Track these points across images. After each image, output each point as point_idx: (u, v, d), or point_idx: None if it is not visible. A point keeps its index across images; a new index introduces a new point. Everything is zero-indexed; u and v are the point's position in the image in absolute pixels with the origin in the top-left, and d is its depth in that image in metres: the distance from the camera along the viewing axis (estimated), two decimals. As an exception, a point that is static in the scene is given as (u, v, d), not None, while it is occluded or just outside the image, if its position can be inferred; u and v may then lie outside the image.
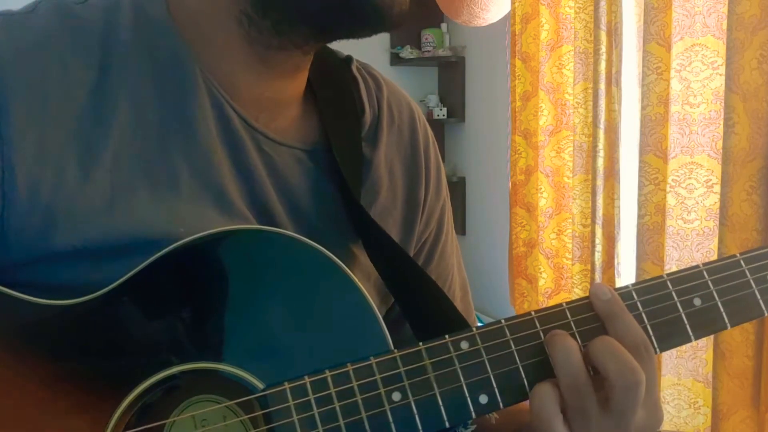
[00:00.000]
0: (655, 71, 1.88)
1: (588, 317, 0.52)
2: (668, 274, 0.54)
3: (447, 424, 0.49)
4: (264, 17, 0.55)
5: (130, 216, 0.51)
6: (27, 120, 0.50)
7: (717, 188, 1.80)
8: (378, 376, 0.49)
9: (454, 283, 0.73)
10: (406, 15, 0.55)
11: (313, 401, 0.48)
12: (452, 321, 0.59)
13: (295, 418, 0.47)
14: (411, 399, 0.48)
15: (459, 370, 0.49)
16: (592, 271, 2.28)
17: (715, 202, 1.82)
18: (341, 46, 0.63)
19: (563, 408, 0.49)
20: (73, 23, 0.54)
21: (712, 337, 1.72)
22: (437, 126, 3.60)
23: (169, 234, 0.50)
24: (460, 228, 3.52)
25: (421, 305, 0.60)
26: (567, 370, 0.49)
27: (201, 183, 0.54)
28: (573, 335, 0.51)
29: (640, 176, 1.97)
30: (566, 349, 0.49)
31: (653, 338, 0.52)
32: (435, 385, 0.49)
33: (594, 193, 2.25)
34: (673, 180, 1.89)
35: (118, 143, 0.52)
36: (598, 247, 2.25)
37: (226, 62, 0.57)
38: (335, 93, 0.65)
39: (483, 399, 0.49)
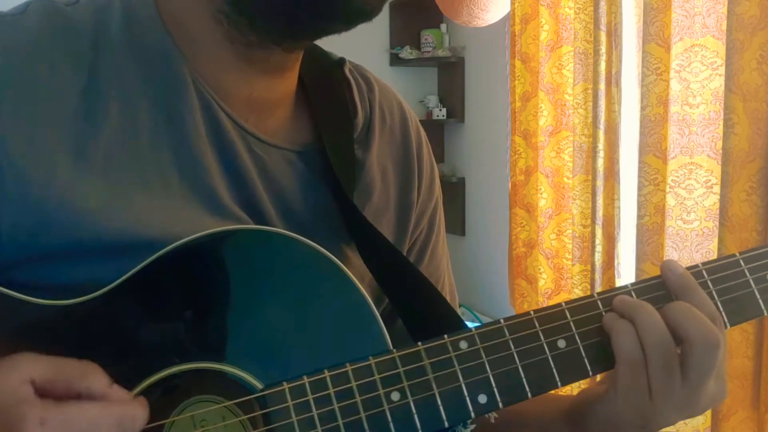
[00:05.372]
0: (655, 72, 1.89)
1: (586, 317, 0.52)
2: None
3: (446, 424, 0.49)
4: (240, 14, 0.54)
5: (123, 216, 0.50)
6: (17, 120, 0.50)
7: (716, 189, 1.81)
8: (377, 377, 0.49)
9: (444, 288, 0.73)
10: (369, 10, 0.52)
11: (312, 401, 0.48)
12: (448, 320, 0.59)
13: (294, 418, 0.47)
14: (410, 399, 0.48)
15: (458, 371, 0.49)
16: (592, 271, 2.28)
17: (715, 203, 1.82)
18: (341, 46, 0.63)
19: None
20: (64, 24, 0.53)
21: (711, 337, 1.71)
22: (437, 126, 3.60)
23: (164, 234, 0.50)
24: (460, 228, 3.51)
25: (417, 305, 0.60)
26: (652, 329, 0.50)
27: (191, 184, 0.54)
28: (573, 336, 0.51)
29: (639, 177, 1.97)
30: (647, 309, 0.51)
31: None
32: (434, 385, 0.49)
33: (594, 194, 2.25)
34: (672, 180, 1.89)
35: (109, 143, 0.52)
36: (598, 248, 2.25)
37: (212, 62, 0.57)
38: (328, 95, 0.64)
39: (482, 399, 0.49)
